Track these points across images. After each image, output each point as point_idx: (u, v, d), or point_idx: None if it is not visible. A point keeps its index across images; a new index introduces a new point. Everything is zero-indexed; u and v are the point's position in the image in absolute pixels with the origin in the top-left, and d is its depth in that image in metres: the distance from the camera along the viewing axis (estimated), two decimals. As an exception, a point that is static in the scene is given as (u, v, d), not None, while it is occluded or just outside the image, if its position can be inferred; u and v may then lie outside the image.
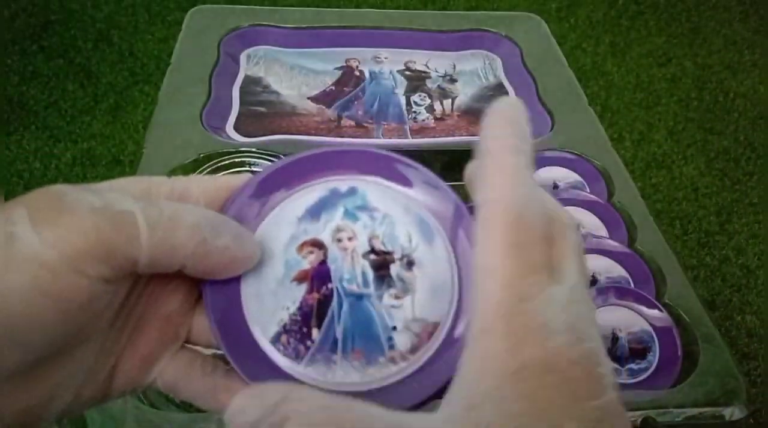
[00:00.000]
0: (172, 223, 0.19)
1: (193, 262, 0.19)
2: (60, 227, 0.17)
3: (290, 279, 0.22)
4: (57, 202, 0.18)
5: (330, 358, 0.21)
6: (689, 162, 0.85)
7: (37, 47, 0.99)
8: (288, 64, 0.74)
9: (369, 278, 0.23)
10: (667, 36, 1.12)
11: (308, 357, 0.21)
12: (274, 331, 0.22)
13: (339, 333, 0.22)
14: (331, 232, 0.23)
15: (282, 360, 0.21)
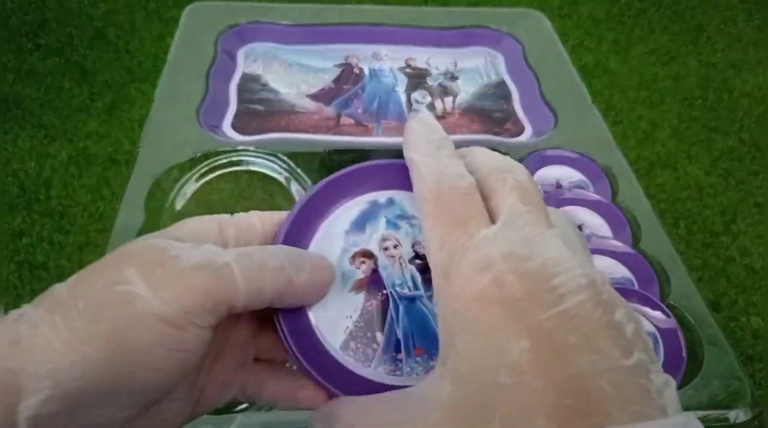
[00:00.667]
0: (261, 270, 0.21)
1: (280, 300, 0.22)
2: (175, 287, 0.19)
3: (348, 290, 0.25)
4: (164, 260, 0.20)
5: (395, 357, 0.24)
6: (693, 161, 0.84)
7: (33, 45, 0.98)
8: (286, 62, 0.73)
9: (417, 281, 0.25)
10: (670, 34, 1.11)
11: (376, 358, 0.24)
12: (342, 339, 0.24)
13: (400, 334, 0.24)
14: (377, 242, 0.26)
15: (354, 365, 0.24)
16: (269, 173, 0.52)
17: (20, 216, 0.70)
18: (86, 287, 0.20)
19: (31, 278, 0.64)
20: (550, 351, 0.18)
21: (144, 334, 0.19)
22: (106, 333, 0.19)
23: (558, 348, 0.18)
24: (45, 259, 0.66)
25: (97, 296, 0.19)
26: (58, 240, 0.68)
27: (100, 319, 0.19)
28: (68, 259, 0.66)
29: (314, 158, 0.58)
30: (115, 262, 0.20)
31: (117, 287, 0.19)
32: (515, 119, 0.69)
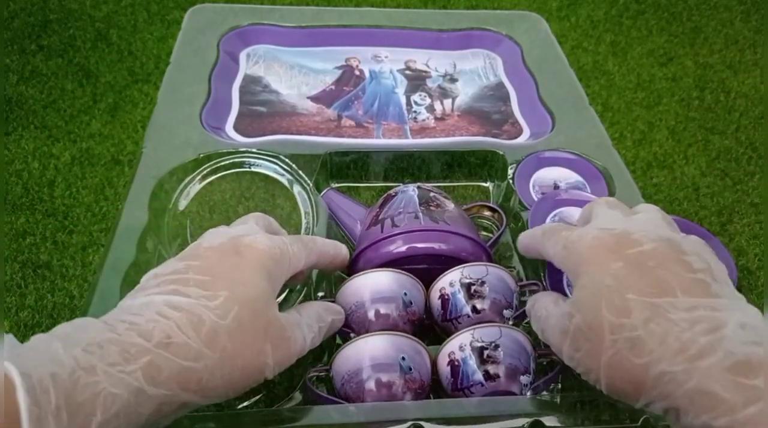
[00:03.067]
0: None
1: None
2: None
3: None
4: (284, 339, 0.34)
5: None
6: (690, 162, 0.85)
7: (36, 46, 0.99)
8: (288, 64, 0.74)
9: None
10: (668, 35, 1.12)
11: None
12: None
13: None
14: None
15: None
16: (271, 174, 0.53)
17: (24, 216, 0.71)
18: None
19: (34, 278, 0.65)
20: (636, 266, 0.31)
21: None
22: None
23: (640, 265, 0.31)
24: (48, 258, 0.66)
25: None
26: (61, 240, 0.68)
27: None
28: (71, 259, 0.66)
29: (315, 160, 0.59)
30: (258, 343, 0.33)
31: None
32: (513, 120, 0.69)
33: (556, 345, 0.34)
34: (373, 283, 0.43)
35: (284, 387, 0.45)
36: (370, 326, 0.43)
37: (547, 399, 0.39)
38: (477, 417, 0.37)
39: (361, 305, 0.43)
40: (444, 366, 0.41)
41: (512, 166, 0.59)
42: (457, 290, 0.44)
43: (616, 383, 0.30)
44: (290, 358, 0.34)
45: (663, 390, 0.28)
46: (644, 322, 0.29)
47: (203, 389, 0.30)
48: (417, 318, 0.44)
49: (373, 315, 0.43)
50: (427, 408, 0.37)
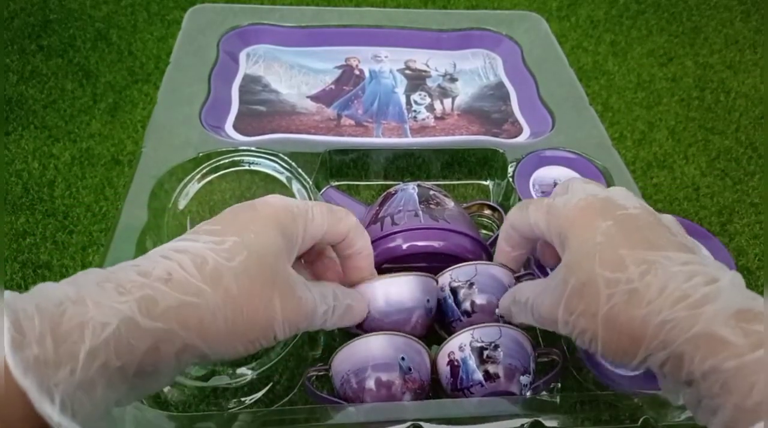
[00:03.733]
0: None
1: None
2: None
3: None
4: (294, 295, 0.32)
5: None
6: (690, 162, 0.85)
7: (36, 46, 0.99)
8: (287, 63, 0.74)
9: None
10: (668, 35, 1.12)
11: None
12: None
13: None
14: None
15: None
16: (271, 172, 0.53)
17: (24, 216, 0.71)
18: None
19: (34, 278, 0.65)
20: (625, 225, 0.31)
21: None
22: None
23: (629, 224, 0.31)
24: (49, 258, 0.66)
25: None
26: (61, 240, 0.68)
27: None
28: (71, 258, 0.66)
29: (315, 158, 0.59)
30: (265, 294, 0.31)
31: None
32: (513, 120, 0.69)
33: (550, 316, 0.33)
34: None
35: (284, 387, 0.45)
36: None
37: (547, 399, 0.39)
38: (477, 417, 0.37)
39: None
40: (444, 366, 0.41)
41: (512, 164, 0.58)
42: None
43: (614, 339, 0.29)
44: (300, 319, 0.32)
45: (665, 339, 0.27)
46: (640, 275, 0.29)
47: (204, 331, 0.28)
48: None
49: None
50: (427, 408, 0.37)
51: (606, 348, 0.30)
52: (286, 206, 0.34)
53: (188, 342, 0.27)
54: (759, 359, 0.24)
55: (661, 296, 0.28)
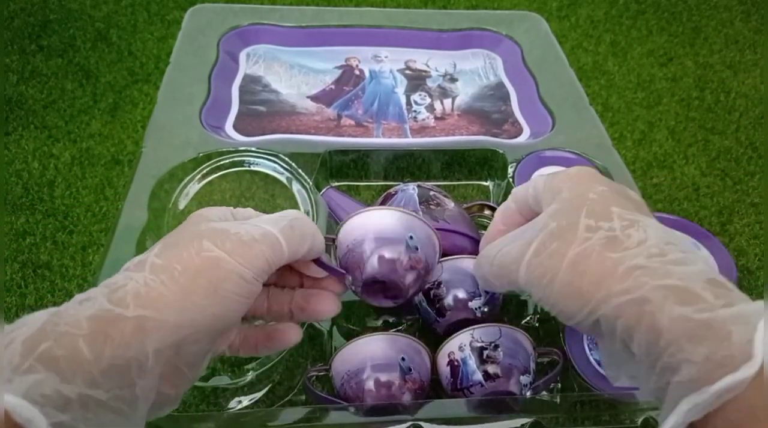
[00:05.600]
0: (300, 239, 0.30)
1: (305, 258, 0.32)
2: (245, 254, 0.27)
3: None
4: (229, 236, 0.28)
5: None
6: (690, 162, 0.85)
7: (36, 47, 0.99)
8: (287, 63, 0.74)
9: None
10: (668, 35, 1.12)
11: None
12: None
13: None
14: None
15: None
16: (271, 173, 0.53)
17: (24, 216, 0.71)
18: (176, 256, 0.27)
19: (34, 278, 0.64)
20: (618, 191, 0.31)
21: (230, 287, 0.27)
22: (205, 286, 0.26)
23: (621, 192, 0.31)
24: (49, 258, 0.66)
25: (190, 262, 0.26)
26: (61, 240, 0.68)
27: (199, 277, 0.26)
28: (72, 259, 0.66)
29: (315, 159, 0.59)
30: (190, 238, 0.28)
31: (203, 253, 0.27)
32: (513, 120, 0.69)
33: (513, 261, 0.31)
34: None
35: (284, 387, 0.45)
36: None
37: (547, 399, 0.39)
38: (477, 417, 0.37)
39: (360, 244, 0.37)
40: (444, 366, 0.41)
41: (512, 165, 0.58)
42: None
43: (574, 281, 0.27)
44: (246, 248, 0.27)
45: (632, 284, 0.25)
46: (623, 228, 0.28)
47: (147, 299, 0.25)
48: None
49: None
50: (427, 407, 0.37)
51: (560, 293, 0.28)
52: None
53: (140, 313, 0.25)
54: (730, 314, 0.23)
55: (640, 247, 0.27)
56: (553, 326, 0.48)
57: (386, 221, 0.36)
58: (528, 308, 0.51)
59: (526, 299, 0.51)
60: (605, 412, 0.38)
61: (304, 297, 0.34)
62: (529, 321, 0.50)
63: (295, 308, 0.33)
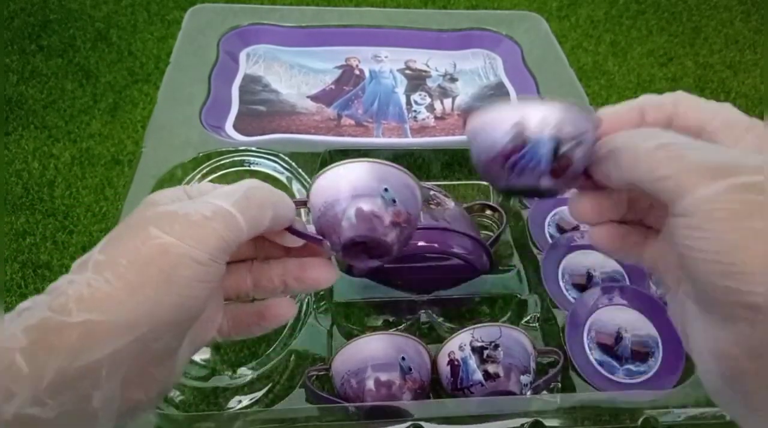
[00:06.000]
0: (259, 208, 0.27)
1: (270, 228, 0.28)
2: (197, 236, 0.24)
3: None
4: (177, 218, 0.25)
5: None
6: (690, 162, 0.85)
7: (36, 47, 0.99)
8: (288, 63, 0.74)
9: None
10: (668, 35, 1.12)
11: None
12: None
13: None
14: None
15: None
16: (271, 172, 0.53)
17: (24, 216, 0.71)
18: (121, 249, 0.24)
19: (34, 278, 0.65)
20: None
21: (184, 272, 0.24)
22: (156, 276, 0.23)
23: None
24: (48, 258, 0.66)
25: (136, 253, 0.24)
26: (61, 240, 0.68)
27: (149, 267, 0.23)
28: (71, 258, 0.66)
29: (315, 158, 0.59)
30: (135, 227, 0.25)
31: (150, 242, 0.24)
32: (514, 119, 0.69)
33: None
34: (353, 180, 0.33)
35: (284, 387, 0.45)
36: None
37: (547, 399, 0.39)
38: (477, 417, 0.37)
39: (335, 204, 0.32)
40: (444, 366, 0.41)
41: (512, 165, 0.58)
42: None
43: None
44: (196, 228, 0.24)
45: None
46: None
47: (92, 301, 0.22)
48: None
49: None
50: (427, 407, 0.37)
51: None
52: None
53: (87, 318, 0.23)
54: None
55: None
56: (553, 326, 0.48)
57: (356, 175, 0.32)
58: (528, 308, 0.51)
59: (526, 299, 0.51)
60: (605, 412, 0.38)
61: (299, 266, 0.31)
62: (529, 320, 0.50)
63: (291, 279, 0.30)
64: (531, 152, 0.25)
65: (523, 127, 0.25)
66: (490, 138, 0.26)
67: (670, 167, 0.22)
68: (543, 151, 0.26)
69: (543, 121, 0.25)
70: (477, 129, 0.27)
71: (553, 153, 0.25)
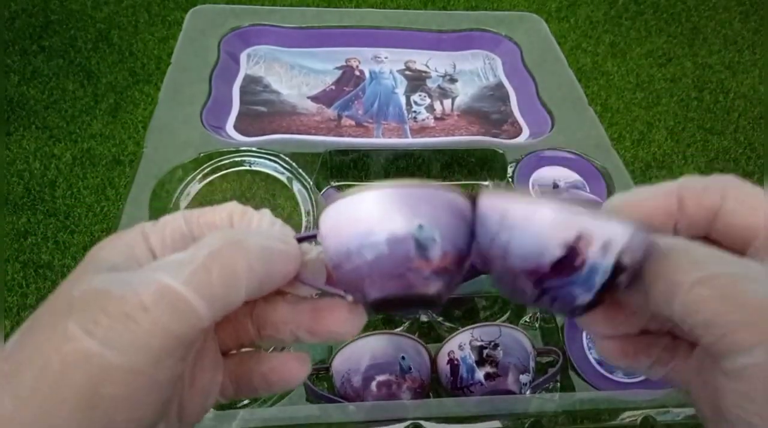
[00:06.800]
0: (227, 281, 0.19)
1: (257, 294, 0.20)
2: (130, 334, 0.17)
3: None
4: (108, 305, 0.18)
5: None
6: (689, 162, 0.85)
7: (37, 47, 0.99)
8: (288, 64, 0.74)
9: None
10: (667, 36, 1.12)
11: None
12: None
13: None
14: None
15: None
16: (271, 173, 0.53)
17: (25, 216, 0.71)
18: (30, 355, 0.17)
19: (35, 278, 0.65)
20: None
21: (115, 388, 0.17)
22: (74, 398, 0.17)
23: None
24: (50, 258, 0.67)
25: (47, 362, 0.17)
26: (62, 240, 0.68)
27: (63, 383, 0.17)
28: (73, 258, 0.67)
29: (315, 159, 0.59)
30: (52, 319, 0.18)
31: (65, 347, 0.17)
32: (513, 120, 0.69)
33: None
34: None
35: (285, 386, 0.45)
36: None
37: (547, 398, 0.39)
38: (476, 416, 0.37)
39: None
40: (444, 365, 0.42)
41: (512, 165, 0.59)
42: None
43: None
44: (130, 325, 0.17)
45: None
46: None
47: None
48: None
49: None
50: (427, 407, 0.37)
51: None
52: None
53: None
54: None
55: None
56: (553, 326, 0.49)
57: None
58: (527, 307, 0.51)
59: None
60: (605, 412, 0.38)
61: (313, 313, 0.22)
62: (529, 320, 0.51)
63: (302, 331, 0.22)
64: (582, 279, 0.19)
65: (586, 245, 0.18)
66: (536, 242, 0.19)
67: (716, 310, 0.17)
68: (595, 280, 0.19)
69: (608, 243, 0.18)
70: (515, 220, 0.20)
71: (604, 285, 0.19)
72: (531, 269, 0.19)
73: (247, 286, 0.19)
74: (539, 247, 0.19)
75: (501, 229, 0.20)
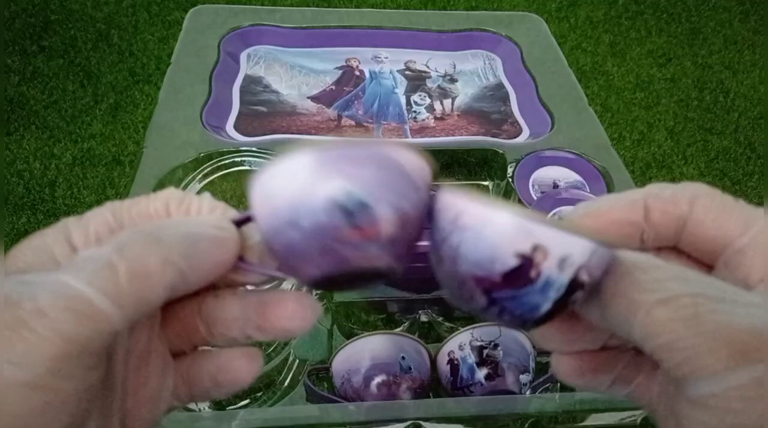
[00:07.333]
0: (137, 278, 0.16)
1: (176, 293, 0.18)
2: (25, 343, 0.15)
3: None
4: (6, 315, 0.15)
5: None
6: (689, 162, 0.85)
7: (37, 47, 0.99)
8: (288, 64, 0.74)
9: None
10: (667, 36, 1.12)
11: None
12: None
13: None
14: None
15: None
16: (272, 173, 0.53)
17: (25, 216, 0.71)
18: None
19: (35, 278, 0.65)
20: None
21: (13, 406, 0.15)
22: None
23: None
24: (50, 258, 0.67)
25: None
26: (62, 240, 0.68)
27: None
28: (73, 258, 0.67)
29: (315, 159, 0.59)
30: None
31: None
32: (513, 120, 0.70)
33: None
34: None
35: (284, 387, 0.46)
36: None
37: (547, 398, 0.39)
38: (476, 416, 0.37)
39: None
40: (444, 365, 0.42)
41: (512, 165, 0.59)
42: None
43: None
44: (25, 333, 0.15)
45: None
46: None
47: None
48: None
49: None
50: (427, 407, 0.37)
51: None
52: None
53: None
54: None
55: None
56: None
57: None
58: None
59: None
60: (605, 412, 0.38)
61: (259, 309, 0.20)
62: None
63: (250, 327, 0.20)
64: (536, 292, 0.17)
65: (542, 257, 0.17)
66: (488, 249, 0.17)
67: (678, 333, 0.16)
68: (549, 294, 0.18)
69: (566, 258, 0.17)
70: (469, 222, 0.18)
71: (558, 300, 0.18)
72: (481, 276, 0.18)
73: (165, 282, 0.17)
74: (492, 254, 0.17)
75: (454, 229, 0.18)
